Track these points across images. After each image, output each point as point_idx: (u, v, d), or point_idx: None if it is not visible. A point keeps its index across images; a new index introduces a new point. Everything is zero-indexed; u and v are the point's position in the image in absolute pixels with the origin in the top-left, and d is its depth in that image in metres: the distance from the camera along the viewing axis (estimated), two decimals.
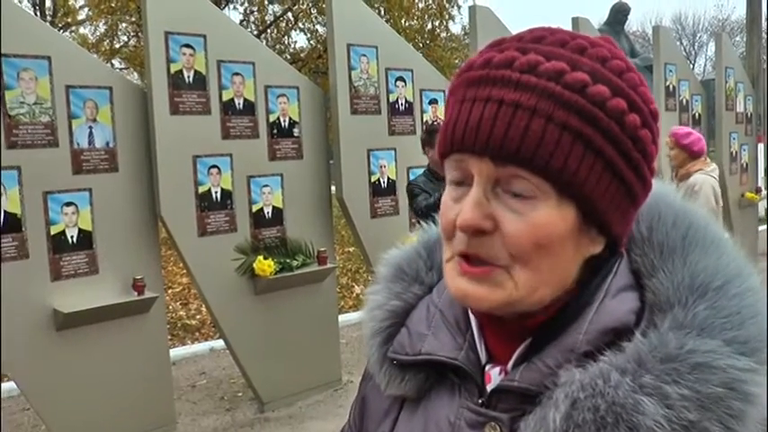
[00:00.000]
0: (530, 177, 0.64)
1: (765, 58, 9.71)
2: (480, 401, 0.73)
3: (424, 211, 4.28)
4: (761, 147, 9.21)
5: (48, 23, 12.22)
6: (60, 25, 15.73)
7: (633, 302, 0.70)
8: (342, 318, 5.33)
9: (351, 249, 9.46)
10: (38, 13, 16.16)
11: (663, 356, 0.63)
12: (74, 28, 16.53)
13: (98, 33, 15.94)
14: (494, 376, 0.74)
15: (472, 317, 0.77)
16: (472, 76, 0.69)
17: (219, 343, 5.59)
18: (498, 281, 0.67)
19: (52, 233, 3.70)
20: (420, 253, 0.87)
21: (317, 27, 15.18)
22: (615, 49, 0.70)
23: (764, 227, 9.85)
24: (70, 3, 15.72)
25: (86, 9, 15.43)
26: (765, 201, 9.10)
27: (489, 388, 0.73)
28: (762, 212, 10.35)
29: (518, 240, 0.65)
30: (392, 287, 0.86)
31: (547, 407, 0.65)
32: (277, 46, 15.54)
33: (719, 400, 0.61)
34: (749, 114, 8.82)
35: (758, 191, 8.99)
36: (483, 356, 0.75)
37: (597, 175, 0.66)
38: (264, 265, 4.33)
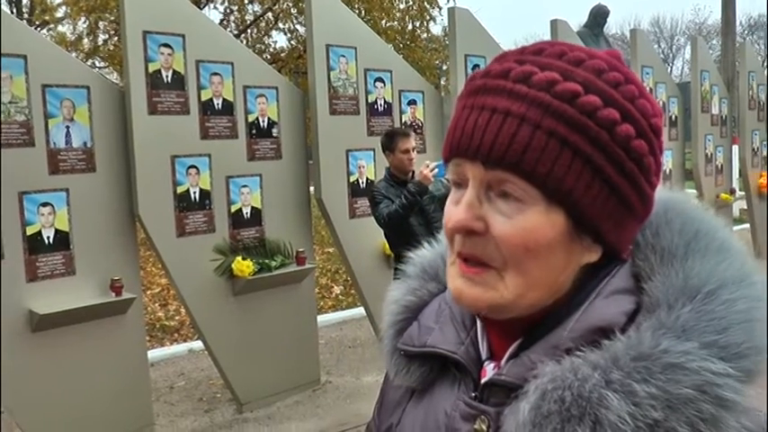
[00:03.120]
0: (517, 182, 0.67)
1: (739, 61, 9.86)
2: (474, 395, 0.76)
3: (387, 220, 4.22)
4: (735, 149, 9.35)
5: (24, 21, 12.07)
6: (37, 23, 15.55)
7: (626, 304, 0.70)
8: (321, 318, 5.34)
9: (330, 250, 9.46)
10: (14, 11, 15.98)
11: (636, 355, 0.64)
12: (51, 26, 16.34)
13: (77, 32, 15.77)
14: (489, 371, 0.76)
15: None
16: (474, 85, 0.72)
17: (198, 344, 5.57)
18: (490, 282, 0.70)
19: (28, 234, 3.67)
20: (443, 255, 0.90)
21: (298, 27, 15.14)
22: (616, 63, 0.71)
23: (739, 227, 10.00)
24: (48, 0, 15.54)
25: (65, 7, 15.25)
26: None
27: (483, 382, 0.76)
28: (736, 213, 10.50)
29: (506, 242, 0.68)
30: (410, 283, 0.90)
31: (522, 398, 0.67)
32: (257, 46, 15.47)
33: (689, 401, 0.61)
34: (724, 117, 8.94)
35: (732, 192, 9.12)
36: (484, 353, 0.78)
37: (586, 182, 0.67)
38: (243, 266, 4.32)
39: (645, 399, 0.61)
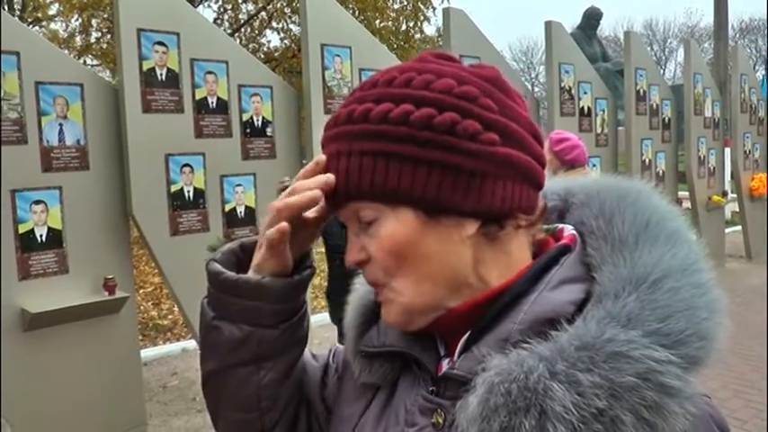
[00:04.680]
0: (362, 205, 0.74)
1: (731, 64, 9.91)
2: (431, 389, 0.78)
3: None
4: (727, 151, 9.39)
5: (16, 18, 12.00)
6: (30, 20, 15.47)
7: (575, 294, 0.71)
8: (314, 318, 5.32)
9: (323, 249, 9.44)
10: (6, 8, 15.88)
11: (580, 344, 0.64)
12: (44, 23, 16.26)
13: (70, 29, 15.71)
14: (445, 366, 0.78)
15: None
16: (322, 139, 0.81)
17: (191, 343, 5.55)
18: (388, 298, 0.77)
19: (20, 231, 3.64)
20: None
21: (292, 26, 15.11)
22: (415, 65, 0.76)
23: (731, 229, 10.05)
24: None
25: (57, 4, 15.18)
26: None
27: (438, 376, 0.78)
28: (728, 215, 10.55)
29: (379, 258, 0.75)
30: None
31: (471, 392, 0.68)
32: (251, 45, 15.44)
33: (632, 389, 0.61)
34: (716, 119, 8.98)
35: (725, 194, 9.16)
36: (442, 350, 0.80)
37: (408, 174, 0.71)
38: None
39: (589, 388, 0.62)
